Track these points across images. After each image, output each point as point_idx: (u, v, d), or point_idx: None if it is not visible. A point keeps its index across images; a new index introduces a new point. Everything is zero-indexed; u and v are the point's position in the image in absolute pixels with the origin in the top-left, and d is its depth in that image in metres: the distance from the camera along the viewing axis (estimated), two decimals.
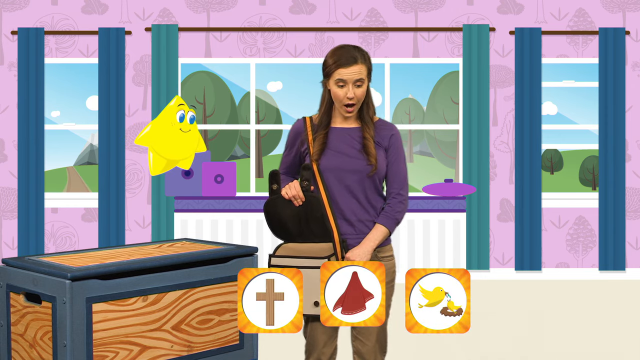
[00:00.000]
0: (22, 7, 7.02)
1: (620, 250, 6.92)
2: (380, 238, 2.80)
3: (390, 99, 7.23)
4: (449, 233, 6.62)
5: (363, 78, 2.78)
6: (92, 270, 2.45)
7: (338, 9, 7.04)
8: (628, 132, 7.03)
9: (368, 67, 2.81)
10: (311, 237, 2.77)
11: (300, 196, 2.76)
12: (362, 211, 2.81)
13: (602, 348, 4.60)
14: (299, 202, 2.76)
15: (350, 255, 2.75)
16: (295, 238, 2.79)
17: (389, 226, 2.81)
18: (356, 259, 2.72)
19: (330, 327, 2.83)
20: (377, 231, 2.80)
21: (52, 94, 7.43)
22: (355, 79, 2.76)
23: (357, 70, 2.76)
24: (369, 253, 2.76)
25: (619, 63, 6.93)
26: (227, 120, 12.59)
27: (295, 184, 2.78)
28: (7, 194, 7.04)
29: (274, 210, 2.80)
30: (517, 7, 7.05)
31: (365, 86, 2.80)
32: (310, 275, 2.73)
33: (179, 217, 6.55)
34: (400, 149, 2.87)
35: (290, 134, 2.94)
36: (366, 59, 2.81)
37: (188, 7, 7.04)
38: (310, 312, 2.74)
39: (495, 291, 6.39)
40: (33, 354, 2.53)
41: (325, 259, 2.72)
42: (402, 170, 2.87)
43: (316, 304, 2.74)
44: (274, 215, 2.81)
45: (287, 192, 2.78)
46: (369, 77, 2.83)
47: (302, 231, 2.78)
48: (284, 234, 2.81)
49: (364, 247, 2.76)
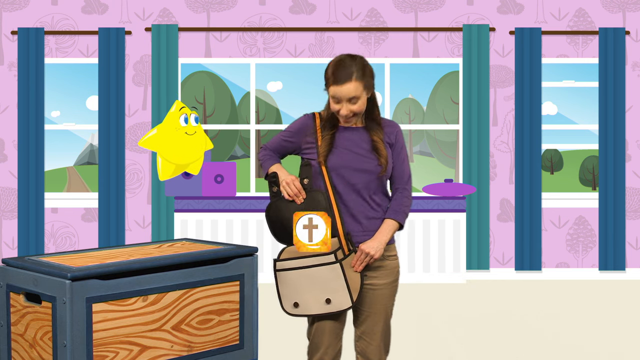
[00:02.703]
0: (22, 7, 7.02)
1: (620, 250, 6.92)
2: (392, 231, 2.80)
3: (390, 99, 7.23)
4: (449, 233, 6.62)
5: (357, 96, 2.73)
6: (92, 270, 2.45)
7: (338, 9, 7.04)
8: (628, 132, 7.03)
9: (366, 82, 2.74)
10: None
11: (302, 194, 2.75)
12: (368, 209, 2.80)
13: (602, 348, 4.60)
14: (300, 199, 2.75)
15: (365, 247, 2.72)
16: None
17: (400, 219, 2.81)
18: (371, 252, 2.72)
19: (335, 328, 2.83)
20: (388, 225, 2.79)
21: (52, 94, 7.43)
22: (349, 97, 2.73)
23: (351, 89, 2.71)
24: (383, 245, 2.75)
25: (619, 63, 6.93)
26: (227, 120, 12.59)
27: (295, 182, 2.77)
28: (7, 194, 7.04)
29: (276, 215, 2.80)
30: (517, 7, 7.05)
31: (362, 101, 2.75)
32: (318, 274, 2.73)
33: (179, 217, 6.55)
34: (404, 145, 2.88)
35: (296, 123, 2.90)
36: (365, 74, 2.74)
37: (188, 7, 7.04)
38: (323, 311, 2.75)
39: (495, 291, 6.39)
40: (33, 354, 2.53)
41: (332, 255, 2.71)
42: (407, 166, 2.88)
43: (328, 302, 2.74)
44: (276, 220, 2.80)
45: (286, 191, 2.77)
46: (368, 90, 2.77)
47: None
48: (286, 237, 2.80)
49: (378, 240, 2.75)
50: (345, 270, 2.72)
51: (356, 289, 2.73)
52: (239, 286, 2.85)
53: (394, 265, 2.85)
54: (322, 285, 2.73)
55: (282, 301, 2.81)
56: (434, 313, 5.52)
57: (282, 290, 2.80)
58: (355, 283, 2.73)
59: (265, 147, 2.98)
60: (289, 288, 2.78)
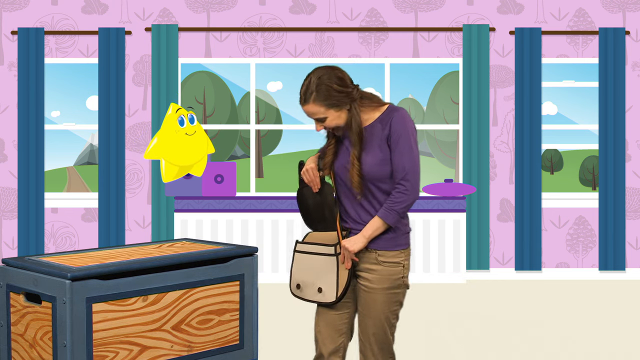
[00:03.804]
0: (22, 7, 7.02)
1: (620, 250, 6.92)
2: (374, 228, 2.72)
3: (390, 99, 7.22)
4: (449, 233, 6.62)
5: (321, 115, 2.70)
6: (92, 270, 2.45)
7: (338, 9, 7.04)
8: (628, 132, 7.03)
9: (326, 102, 2.68)
10: (328, 225, 2.84)
11: (317, 182, 2.82)
12: (365, 214, 2.78)
13: (602, 348, 4.60)
14: (315, 187, 2.83)
15: (344, 241, 2.76)
16: (317, 226, 2.87)
17: (385, 217, 2.70)
18: (346, 244, 2.73)
19: (335, 321, 2.84)
20: (373, 222, 2.73)
21: (52, 94, 7.42)
22: (313, 117, 2.74)
23: (312, 110, 2.71)
24: (362, 242, 2.73)
25: (619, 63, 6.93)
26: (227, 120, 12.59)
27: (313, 169, 2.83)
28: (7, 194, 7.04)
29: (302, 200, 2.89)
30: (517, 7, 7.05)
31: (332, 118, 2.71)
32: (318, 262, 2.78)
33: (179, 217, 6.55)
34: (401, 135, 2.69)
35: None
36: (319, 94, 2.67)
37: (188, 7, 7.04)
38: (314, 299, 2.81)
39: (495, 291, 6.39)
40: (33, 354, 2.53)
41: (332, 247, 2.77)
42: (405, 157, 2.69)
43: (319, 291, 2.78)
44: (302, 204, 2.89)
45: (305, 176, 2.84)
46: (335, 107, 2.70)
47: (323, 219, 2.84)
48: (309, 222, 2.90)
49: (358, 236, 2.75)
50: (339, 265, 2.77)
51: (342, 286, 2.76)
52: (239, 286, 2.85)
53: (390, 272, 2.75)
54: (318, 274, 2.79)
55: (290, 280, 2.89)
56: (434, 313, 5.52)
57: (293, 270, 2.89)
58: (343, 280, 2.76)
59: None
60: (297, 270, 2.86)
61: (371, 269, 2.77)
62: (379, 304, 2.77)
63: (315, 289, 2.79)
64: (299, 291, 2.85)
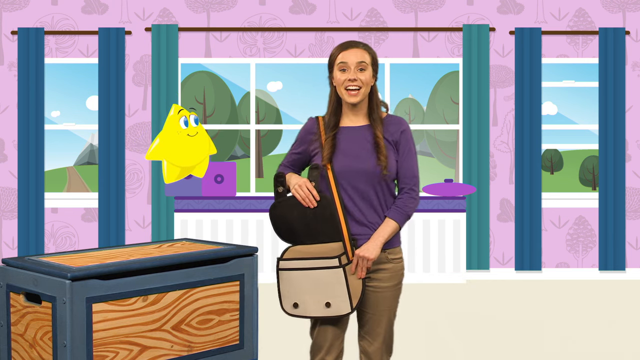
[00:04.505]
0: (22, 7, 7.02)
1: (620, 250, 6.92)
2: (390, 232, 2.74)
3: (390, 99, 7.23)
4: (449, 233, 6.62)
5: (366, 62, 2.75)
6: (92, 270, 2.45)
7: (338, 9, 7.04)
8: (628, 132, 7.03)
9: (372, 56, 2.79)
10: (320, 238, 2.72)
11: (315, 195, 2.71)
12: (373, 213, 2.76)
13: (602, 348, 4.60)
14: (311, 203, 2.71)
15: (359, 251, 2.70)
16: (304, 240, 2.75)
17: (399, 220, 2.74)
18: (365, 254, 2.68)
19: (338, 329, 2.82)
20: (386, 225, 2.74)
21: (52, 94, 7.43)
22: (357, 61, 2.73)
23: (359, 53, 2.75)
24: (379, 247, 2.71)
25: (619, 63, 6.93)
26: (227, 120, 12.59)
27: (307, 184, 2.73)
28: (7, 194, 7.04)
29: (281, 214, 2.77)
30: (517, 7, 7.05)
31: (368, 73, 2.76)
32: (320, 277, 2.71)
33: (179, 217, 6.55)
34: (411, 144, 2.80)
35: (301, 132, 2.90)
36: (371, 52, 2.80)
37: (188, 7, 7.04)
38: (322, 314, 2.73)
39: (495, 291, 6.39)
40: (33, 354, 2.53)
41: (336, 259, 2.69)
42: (414, 166, 2.80)
43: (327, 305, 2.72)
44: (279, 219, 2.77)
45: (298, 193, 2.74)
46: (374, 67, 2.79)
47: (311, 232, 2.73)
48: (291, 237, 2.77)
49: (374, 242, 2.71)
50: (348, 275, 2.70)
51: (357, 296, 2.70)
52: (239, 286, 2.85)
53: (398, 268, 2.80)
54: (323, 289, 2.71)
55: (282, 300, 2.79)
56: (434, 313, 5.52)
57: (282, 289, 2.78)
58: (357, 289, 2.71)
59: (281, 164, 2.97)
60: (290, 288, 2.76)
61: (383, 268, 2.78)
62: (388, 301, 2.80)
63: (322, 304, 2.71)
64: (298, 310, 2.75)
